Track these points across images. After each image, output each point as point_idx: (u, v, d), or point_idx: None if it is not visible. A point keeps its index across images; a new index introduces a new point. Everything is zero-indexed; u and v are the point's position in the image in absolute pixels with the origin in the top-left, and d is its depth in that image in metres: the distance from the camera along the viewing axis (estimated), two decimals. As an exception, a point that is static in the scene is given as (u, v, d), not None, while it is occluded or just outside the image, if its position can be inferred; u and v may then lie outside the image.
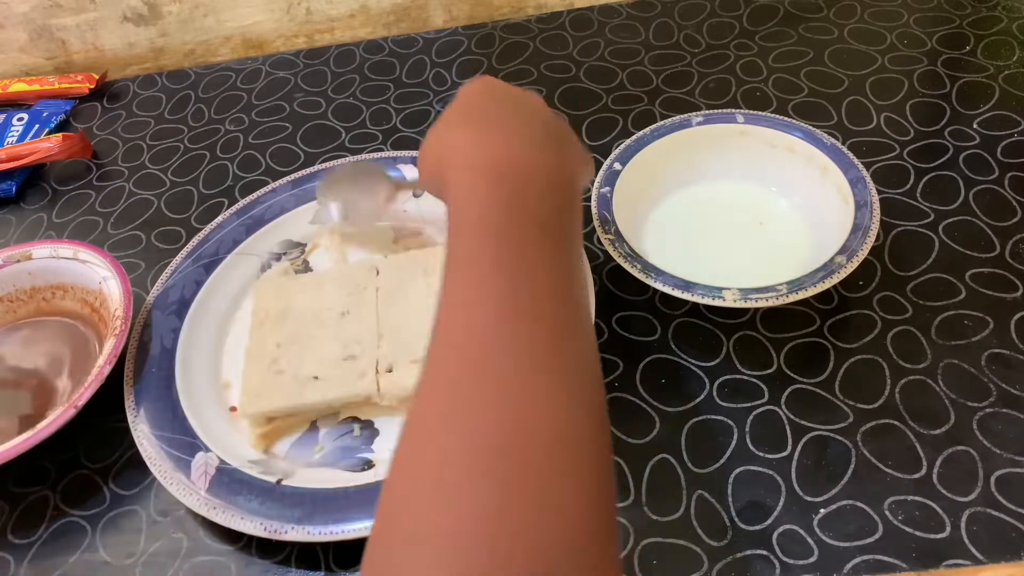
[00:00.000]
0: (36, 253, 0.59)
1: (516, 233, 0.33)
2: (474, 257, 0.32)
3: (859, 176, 0.53)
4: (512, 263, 0.31)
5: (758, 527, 0.44)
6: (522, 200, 0.34)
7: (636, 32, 0.78)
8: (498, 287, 0.31)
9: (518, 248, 0.32)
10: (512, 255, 0.32)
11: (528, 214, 0.33)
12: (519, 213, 0.33)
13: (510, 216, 0.33)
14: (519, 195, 0.34)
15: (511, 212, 0.33)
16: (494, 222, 0.33)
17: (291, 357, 0.52)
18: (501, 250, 0.32)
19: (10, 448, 0.48)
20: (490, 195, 0.34)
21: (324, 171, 0.65)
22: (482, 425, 0.27)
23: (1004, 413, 0.47)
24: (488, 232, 0.33)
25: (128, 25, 0.86)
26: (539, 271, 0.32)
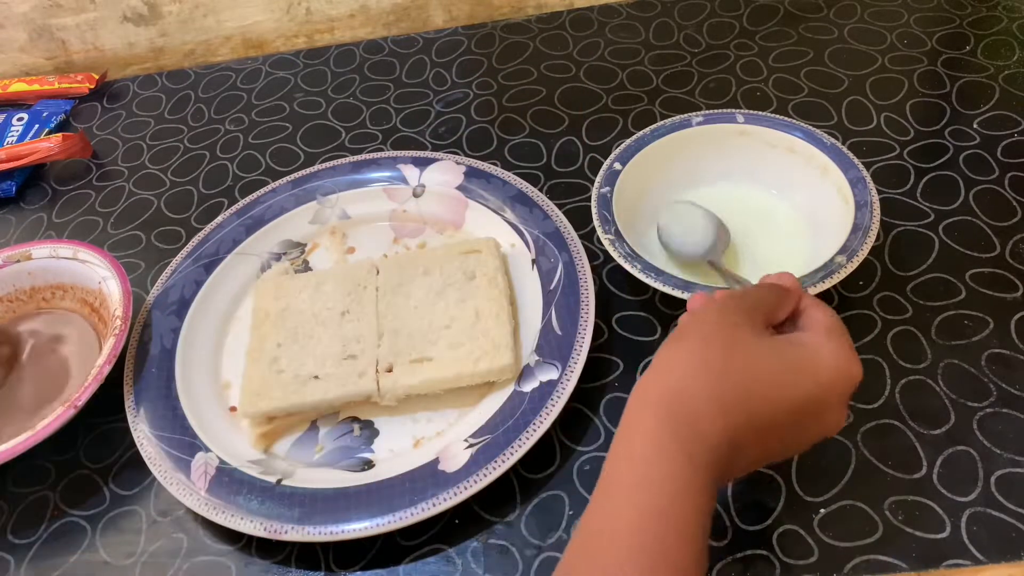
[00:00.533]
0: (36, 253, 0.59)
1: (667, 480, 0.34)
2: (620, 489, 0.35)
3: (859, 176, 0.53)
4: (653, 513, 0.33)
5: (758, 527, 0.44)
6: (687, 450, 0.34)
7: (636, 32, 0.78)
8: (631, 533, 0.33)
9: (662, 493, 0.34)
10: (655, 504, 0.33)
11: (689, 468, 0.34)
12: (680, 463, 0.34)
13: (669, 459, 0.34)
14: (685, 444, 0.34)
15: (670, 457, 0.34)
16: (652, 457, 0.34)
17: (291, 357, 0.52)
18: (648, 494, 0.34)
19: (10, 448, 0.48)
20: (660, 426, 0.35)
21: (323, 171, 0.65)
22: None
23: (1004, 413, 0.47)
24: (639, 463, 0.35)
25: (128, 25, 0.86)
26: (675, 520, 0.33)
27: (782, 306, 0.40)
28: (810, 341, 0.38)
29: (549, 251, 0.56)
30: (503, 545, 0.45)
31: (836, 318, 0.39)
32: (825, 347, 0.37)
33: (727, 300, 0.39)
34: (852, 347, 0.38)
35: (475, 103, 0.74)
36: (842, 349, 0.37)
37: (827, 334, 0.38)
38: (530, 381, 0.49)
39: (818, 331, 0.38)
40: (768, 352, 0.37)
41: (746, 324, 0.37)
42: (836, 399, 0.37)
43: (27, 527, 0.50)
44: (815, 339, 0.38)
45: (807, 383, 0.36)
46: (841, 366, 0.37)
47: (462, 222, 0.62)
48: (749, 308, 0.39)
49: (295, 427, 0.52)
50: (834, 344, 0.37)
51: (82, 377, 0.55)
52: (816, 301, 0.40)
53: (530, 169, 0.66)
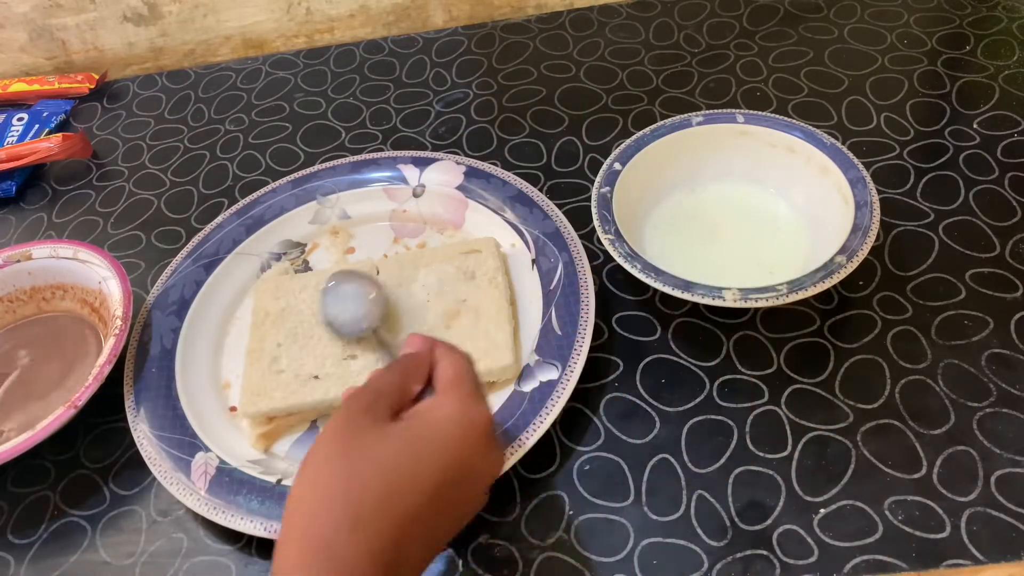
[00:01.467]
0: (36, 253, 0.59)
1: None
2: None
3: (859, 176, 0.53)
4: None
5: (758, 527, 0.44)
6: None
7: (636, 32, 0.78)
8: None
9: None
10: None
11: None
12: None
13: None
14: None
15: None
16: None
17: (291, 356, 0.52)
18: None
19: (10, 448, 0.48)
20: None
21: (323, 171, 0.65)
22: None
23: (1004, 413, 0.47)
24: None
25: (128, 25, 0.86)
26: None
27: (414, 377, 0.40)
28: (426, 408, 0.38)
29: (549, 251, 0.56)
30: (503, 545, 0.45)
31: (458, 365, 0.40)
32: (442, 408, 0.38)
33: (346, 407, 0.38)
34: (472, 392, 0.39)
35: (475, 103, 0.74)
36: (459, 402, 0.38)
37: (443, 391, 0.39)
38: (530, 381, 0.49)
39: (439, 390, 0.39)
40: (387, 442, 0.36)
41: (365, 424, 0.37)
42: (476, 447, 0.38)
43: (27, 527, 0.50)
44: (432, 403, 0.38)
45: (434, 458, 0.36)
46: (461, 420, 0.37)
47: (462, 222, 0.62)
48: (368, 404, 0.38)
49: (295, 427, 0.52)
50: (450, 400, 0.38)
51: (82, 377, 0.55)
52: (445, 352, 0.41)
53: (530, 169, 0.66)
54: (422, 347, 0.41)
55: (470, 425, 0.37)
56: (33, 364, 0.58)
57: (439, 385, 0.39)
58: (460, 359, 0.41)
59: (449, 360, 0.40)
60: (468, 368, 0.40)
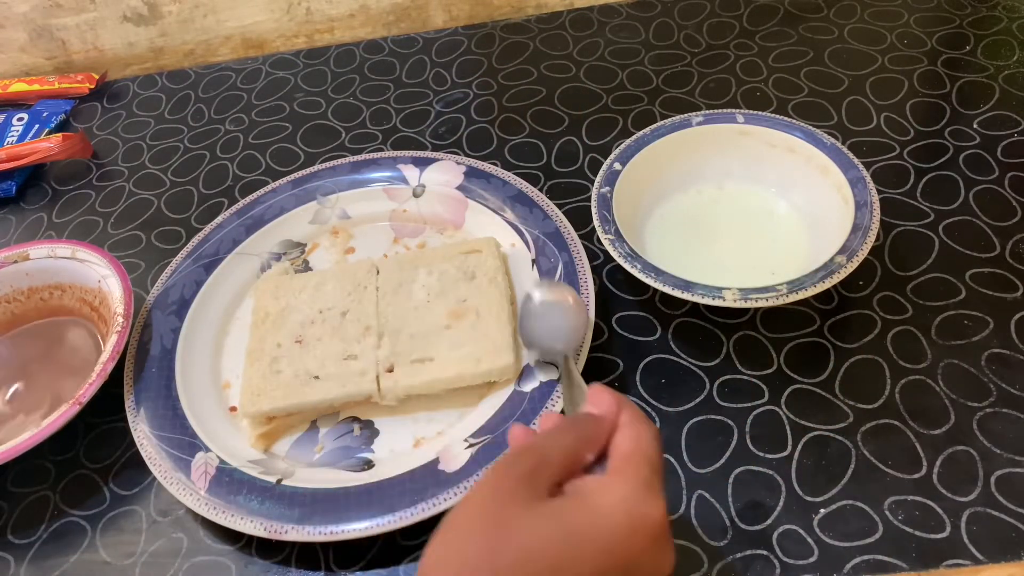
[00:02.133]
0: (33, 253, 0.59)
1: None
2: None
3: (859, 176, 0.53)
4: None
5: (758, 527, 0.44)
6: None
7: (636, 32, 0.78)
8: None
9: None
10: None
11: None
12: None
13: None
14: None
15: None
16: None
17: (291, 357, 0.52)
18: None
19: (11, 448, 0.48)
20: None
21: (323, 171, 0.65)
22: None
23: (1004, 413, 0.47)
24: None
25: (128, 25, 0.86)
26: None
27: (590, 445, 0.34)
28: (592, 490, 0.32)
29: (549, 251, 0.56)
30: (503, 545, 0.45)
31: (641, 440, 0.34)
32: (610, 498, 0.32)
33: (505, 467, 0.33)
34: (650, 477, 0.33)
35: (475, 103, 0.74)
36: (631, 487, 0.32)
37: (617, 471, 0.33)
38: (530, 381, 0.49)
39: (611, 469, 0.33)
40: (544, 524, 0.31)
41: (523, 493, 0.32)
42: (643, 549, 0.31)
43: (27, 527, 0.50)
44: (600, 485, 0.33)
45: (592, 550, 0.31)
46: (631, 513, 0.31)
47: (462, 222, 0.62)
48: (530, 471, 0.33)
49: (295, 427, 0.52)
50: (621, 484, 0.32)
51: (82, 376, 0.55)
52: (630, 419, 0.35)
53: (530, 169, 0.66)
54: (608, 409, 0.35)
55: (641, 521, 0.31)
56: (32, 364, 0.58)
57: (613, 461, 0.34)
58: (644, 432, 0.34)
59: (631, 431, 0.34)
60: (652, 445, 0.34)
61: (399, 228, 0.63)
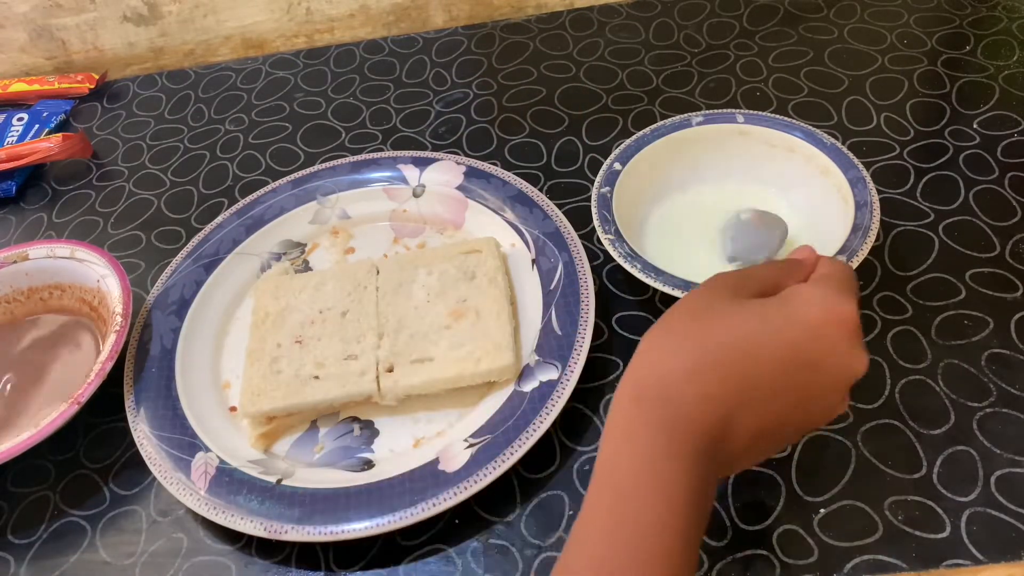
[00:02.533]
0: (32, 253, 0.59)
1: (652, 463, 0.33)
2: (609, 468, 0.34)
3: (859, 176, 0.53)
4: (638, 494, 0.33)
5: (758, 527, 0.44)
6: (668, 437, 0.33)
7: (636, 32, 0.78)
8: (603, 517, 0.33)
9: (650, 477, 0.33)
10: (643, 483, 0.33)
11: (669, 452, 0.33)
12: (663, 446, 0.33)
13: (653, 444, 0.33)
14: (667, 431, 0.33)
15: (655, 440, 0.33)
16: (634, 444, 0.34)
17: (291, 357, 0.52)
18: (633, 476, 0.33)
19: (15, 446, 0.48)
20: (629, 413, 0.34)
21: (323, 171, 0.65)
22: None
23: (1004, 413, 0.47)
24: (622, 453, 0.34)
25: (128, 25, 0.86)
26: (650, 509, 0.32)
27: (787, 277, 0.38)
28: (795, 291, 0.36)
29: (549, 251, 0.56)
30: (503, 545, 0.45)
31: (838, 267, 0.37)
32: (810, 293, 0.35)
33: (710, 280, 0.38)
34: (844, 287, 0.36)
35: (475, 103, 0.74)
36: (824, 289, 0.35)
37: (817, 280, 0.36)
38: (530, 381, 0.49)
39: (812, 279, 0.37)
40: (744, 311, 0.35)
41: (725, 292, 0.36)
42: (834, 339, 0.34)
43: (27, 527, 0.50)
44: (802, 288, 0.36)
45: (790, 334, 0.34)
46: (825, 307, 0.34)
47: (462, 222, 0.62)
48: (737, 280, 0.37)
49: (295, 427, 0.52)
50: (821, 288, 0.35)
51: (82, 376, 0.55)
52: (828, 259, 0.39)
53: (530, 169, 0.66)
54: (808, 256, 0.40)
55: (832, 314, 0.34)
56: (32, 364, 0.58)
57: (813, 276, 0.37)
58: (843, 265, 0.38)
59: (830, 262, 0.38)
60: (848, 270, 0.37)
61: (399, 228, 0.63)
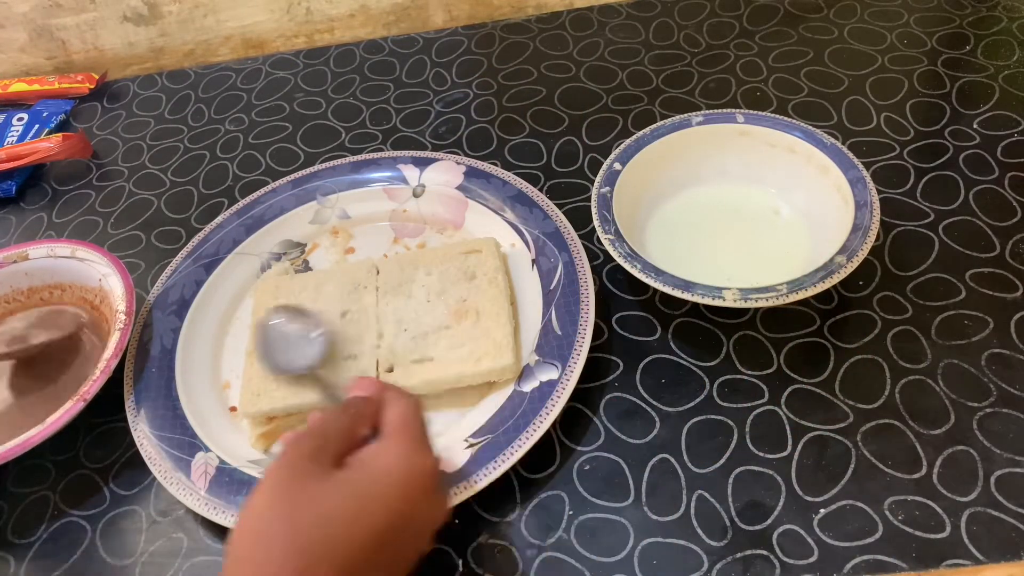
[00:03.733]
0: (32, 253, 0.59)
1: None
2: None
3: (859, 176, 0.53)
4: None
5: (758, 527, 0.44)
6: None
7: (636, 32, 0.78)
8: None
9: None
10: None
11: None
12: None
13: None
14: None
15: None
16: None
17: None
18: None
19: (14, 446, 0.48)
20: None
21: (323, 171, 0.65)
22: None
23: (1004, 413, 0.47)
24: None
25: (128, 25, 0.86)
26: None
27: (361, 422, 0.39)
28: (371, 456, 0.37)
29: (549, 251, 0.56)
30: (503, 545, 0.45)
31: (405, 410, 0.39)
32: (386, 457, 0.37)
33: (290, 451, 0.37)
34: (417, 438, 0.38)
35: (475, 103, 0.74)
36: (403, 449, 0.37)
37: (388, 436, 0.38)
38: (530, 381, 0.49)
39: (383, 435, 0.38)
40: (334, 492, 0.36)
41: (312, 468, 0.36)
42: (420, 496, 0.37)
43: (27, 527, 0.50)
44: (376, 451, 0.37)
45: (377, 506, 0.36)
46: (405, 468, 0.37)
47: (462, 222, 0.62)
48: (313, 450, 0.37)
49: (295, 427, 0.52)
50: (394, 447, 0.37)
51: (83, 375, 0.55)
52: (394, 396, 0.40)
53: (530, 169, 0.66)
54: (371, 390, 0.41)
55: (413, 473, 0.37)
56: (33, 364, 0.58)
57: (385, 430, 0.39)
58: (408, 404, 0.40)
59: (396, 405, 0.39)
60: (416, 413, 0.40)
61: (399, 228, 0.63)
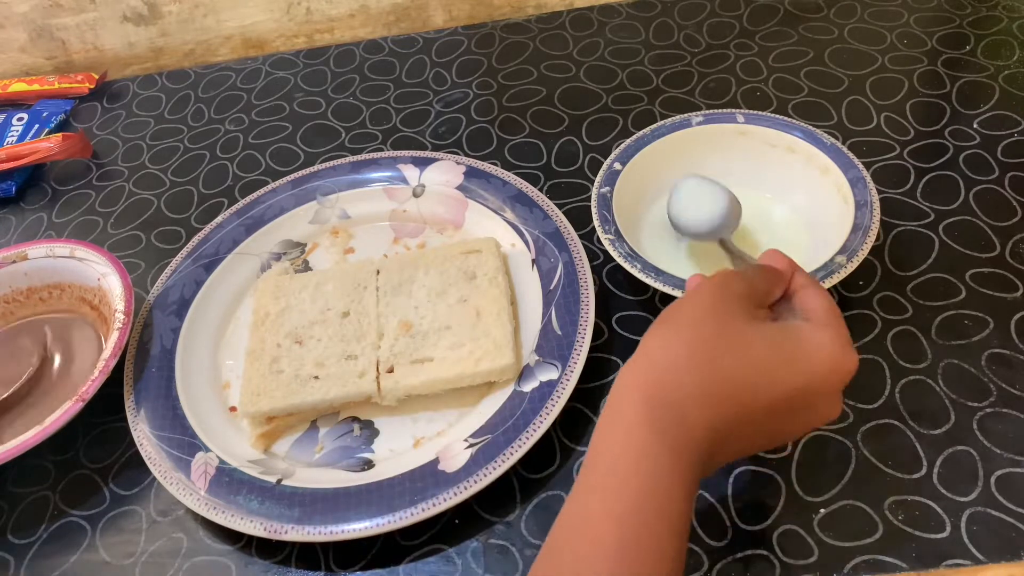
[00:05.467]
0: (32, 253, 0.59)
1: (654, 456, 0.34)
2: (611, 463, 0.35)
3: (859, 176, 0.53)
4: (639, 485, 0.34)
5: (758, 527, 0.44)
6: (671, 438, 0.34)
7: (636, 32, 0.78)
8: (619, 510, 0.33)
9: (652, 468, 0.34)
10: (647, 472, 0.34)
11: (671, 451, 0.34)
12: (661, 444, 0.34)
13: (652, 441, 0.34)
14: (668, 432, 0.34)
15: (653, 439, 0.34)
16: (636, 440, 0.34)
17: (291, 357, 0.52)
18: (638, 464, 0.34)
19: (12, 447, 0.48)
20: (639, 415, 0.35)
21: (324, 171, 0.65)
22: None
23: (1004, 413, 0.47)
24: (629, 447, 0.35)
25: (128, 25, 0.86)
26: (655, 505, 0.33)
27: (775, 288, 0.40)
28: (806, 331, 0.37)
29: (549, 251, 0.56)
30: (503, 545, 0.45)
31: (831, 303, 0.39)
32: (821, 338, 0.37)
33: (722, 283, 0.38)
34: (847, 336, 0.37)
35: (475, 103, 0.74)
36: (838, 340, 0.37)
37: (823, 324, 0.37)
38: (530, 381, 0.49)
39: (815, 319, 0.38)
40: (762, 341, 0.36)
41: (739, 310, 0.37)
42: (829, 389, 0.37)
43: (27, 527, 0.50)
44: (811, 329, 0.37)
45: (801, 376, 0.36)
46: (837, 358, 0.36)
47: (462, 222, 0.62)
48: (743, 292, 0.38)
49: (295, 427, 0.52)
50: (830, 335, 0.37)
51: (83, 375, 0.55)
52: (811, 281, 0.40)
53: (530, 169, 0.66)
54: (782, 265, 0.41)
55: (839, 366, 0.36)
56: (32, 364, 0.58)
57: (813, 315, 0.38)
58: (826, 293, 0.39)
59: (816, 291, 0.39)
60: (834, 306, 0.39)
61: (399, 228, 0.63)
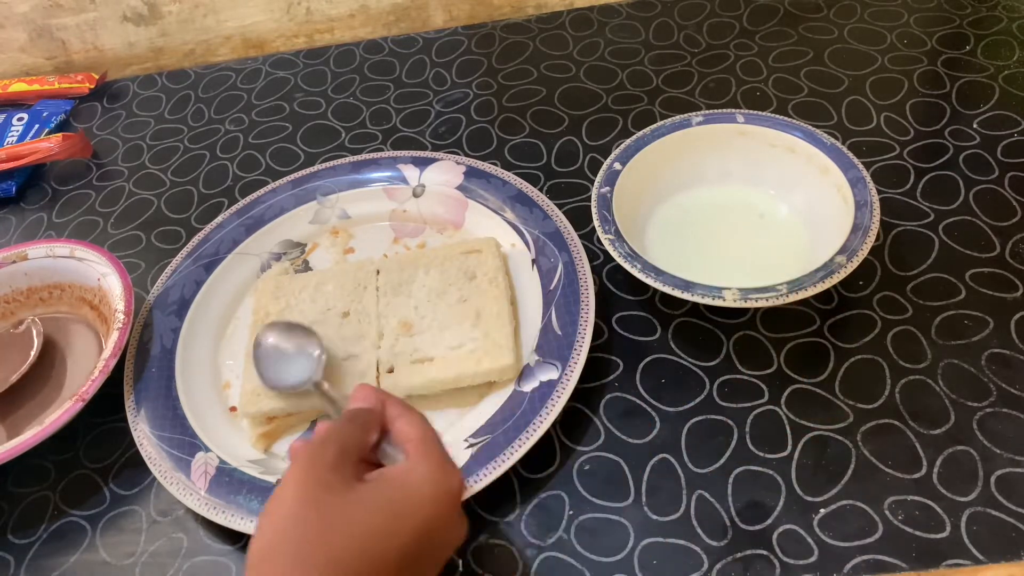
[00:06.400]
0: (32, 253, 0.59)
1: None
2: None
3: (859, 176, 0.53)
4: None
5: (758, 527, 0.44)
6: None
7: (636, 32, 0.78)
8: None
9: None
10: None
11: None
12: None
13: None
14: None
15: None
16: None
17: (291, 357, 0.52)
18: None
19: (12, 447, 0.48)
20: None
21: (324, 171, 0.65)
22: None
23: (1004, 413, 0.47)
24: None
25: (128, 25, 0.86)
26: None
27: (369, 433, 0.39)
28: (403, 474, 0.36)
29: (549, 251, 0.56)
30: (503, 545, 0.45)
31: (425, 427, 0.38)
32: (420, 474, 0.36)
33: (310, 460, 0.36)
34: (444, 457, 0.37)
35: (475, 103, 0.74)
36: (437, 468, 0.37)
37: (420, 456, 0.37)
38: (530, 381, 0.49)
39: (412, 452, 0.37)
40: (363, 509, 0.35)
41: (336, 482, 0.35)
42: (447, 516, 0.37)
43: (27, 527, 0.50)
44: (409, 469, 0.37)
45: (413, 520, 0.35)
46: (440, 486, 0.36)
47: (462, 222, 0.62)
48: (335, 460, 0.36)
49: (295, 427, 0.52)
50: (427, 466, 0.37)
51: (83, 375, 0.55)
52: (402, 410, 0.39)
53: (530, 169, 0.66)
54: (371, 401, 0.40)
55: (445, 494, 0.36)
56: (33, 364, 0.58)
57: (408, 446, 0.38)
58: (421, 419, 0.39)
59: (409, 419, 0.39)
60: (432, 429, 0.39)
61: (399, 228, 0.63)
